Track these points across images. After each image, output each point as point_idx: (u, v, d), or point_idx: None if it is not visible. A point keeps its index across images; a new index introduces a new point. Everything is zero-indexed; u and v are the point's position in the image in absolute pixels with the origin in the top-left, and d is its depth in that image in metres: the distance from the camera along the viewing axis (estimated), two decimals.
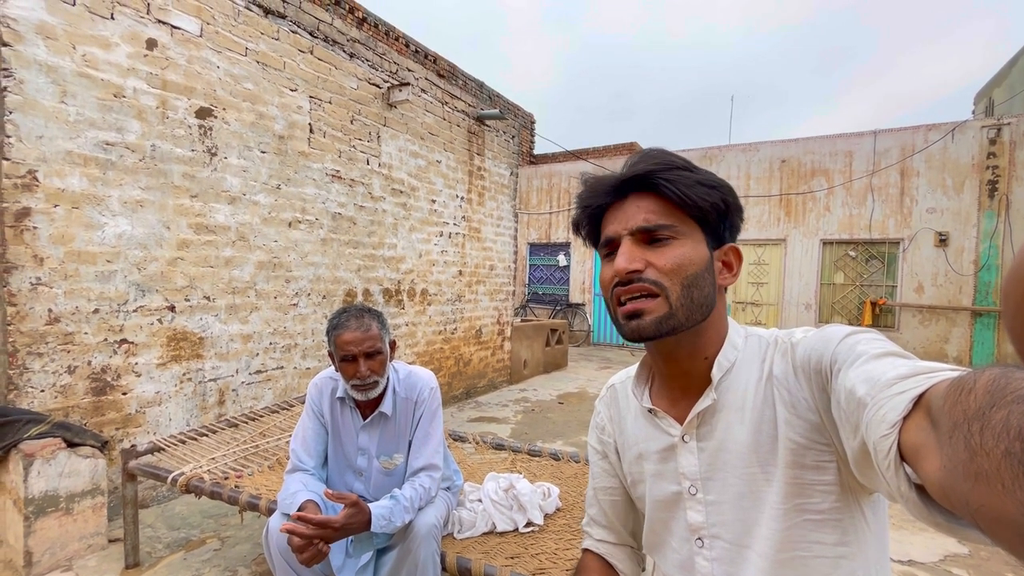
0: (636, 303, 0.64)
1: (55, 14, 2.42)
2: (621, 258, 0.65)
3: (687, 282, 0.64)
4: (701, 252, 0.66)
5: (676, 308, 0.64)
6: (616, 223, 0.68)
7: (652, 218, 0.65)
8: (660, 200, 0.66)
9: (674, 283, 0.64)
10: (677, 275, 0.64)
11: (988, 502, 0.30)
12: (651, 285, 0.64)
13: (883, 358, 0.49)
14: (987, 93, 10.99)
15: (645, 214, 0.65)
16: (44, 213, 2.42)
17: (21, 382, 2.38)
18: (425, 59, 8.09)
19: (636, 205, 0.67)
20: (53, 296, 2.47)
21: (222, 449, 2.35)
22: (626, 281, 0.64)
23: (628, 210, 0.67)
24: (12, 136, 2.31)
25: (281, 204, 3.54)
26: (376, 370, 1.54)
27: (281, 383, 3.61)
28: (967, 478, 0.32)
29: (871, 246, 8.17)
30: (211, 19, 3.07)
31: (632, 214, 0.66)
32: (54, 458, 2.23)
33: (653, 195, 0.66)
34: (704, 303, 0.66)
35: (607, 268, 0.68)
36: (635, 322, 0.64)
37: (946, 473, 0.35)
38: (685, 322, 0.64)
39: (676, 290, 0.64)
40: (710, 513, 0.67)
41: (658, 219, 0.65)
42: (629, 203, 0.67)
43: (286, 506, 1.48)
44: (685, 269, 0.64)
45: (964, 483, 0.32)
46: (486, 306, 5.95)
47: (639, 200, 0.67)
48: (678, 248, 0.65)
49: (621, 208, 0.68)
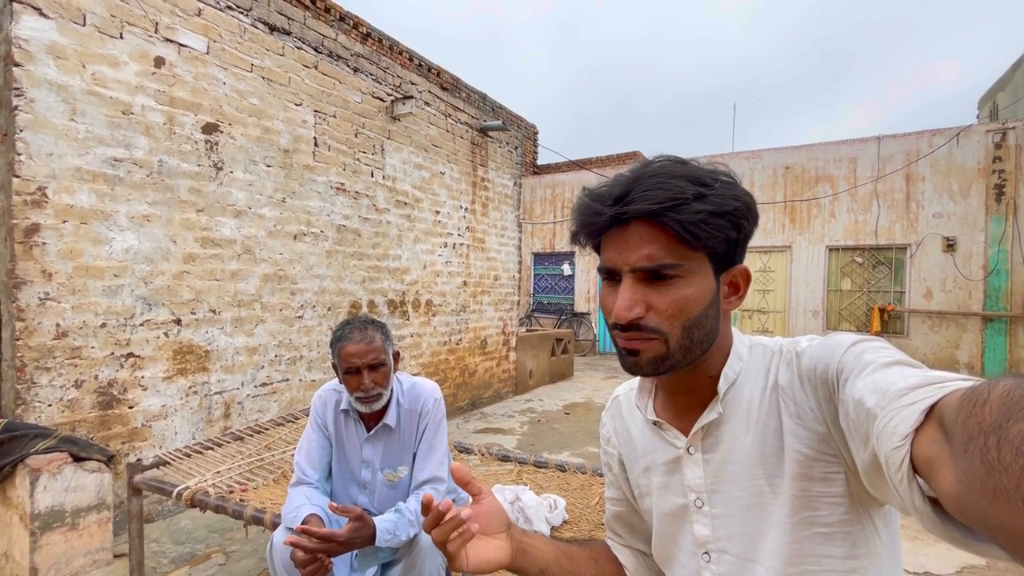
0: (633, 342, 0.62)
1: (66, 34, 2.47)
2: (621, 302, 0.61)
3: (688, 324, 0.61)
4: (706, 288, 0.62)
5: (674, 350, 0.61)
6: (616, 252, 0.62)
7: (656, 255, 0.59)
8: (665, 232, 0.59)
9: (674, 326, 0.61)
10: (678, 319, 0.61)
11: (1008, 519, 0.29)
12: (650, 332, 0.61)
13: (891, 367, 0.48)
14: (991, 97, 10.96)
15: (649, 250, 0.60)
16: (53, 229, 2.45)
17: (29, 396, 2.39)
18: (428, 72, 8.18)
19: (639, 236, 0.60)
20: (61, 311, 2.49)
21: (227, 462, 2.34)
22: (624, 327, 0.61)
23: (630, 240, 0.61)
24: (23, 154, 2.35)
25: (286, 217, 3.57)
26: (380, 382, 1.54)
27: (286, 395, 3.61)
28: (985, 494, 0.31)
29: (878, 252, 8.12)
30: (218, 37, 3.12)
31: (634, 246, 0.61)
32: (60, 473, 2.23)
33: (658, 225, 0.59)
34: (705, 339, 0.63)
35: (608, 294, 0.65)
36: (632, 359, 0.63)
37: (962, 487, 0.34)
38: (683, 360, 0.62)
39: (676, 333, 0.61)
40: (716, 526, 0.66)
41: (662, 256, 0.59)
42: (631, 231, 0.61)
43: (290, 520, 1.47)
44: (687, 312, 0.61)
45: (982, 499, 0.31)
46: (491, 316, 5.94)
47: (642, 229, 0.60)
48: (682, 289, 0.60)
49: (623, 235, 0.62)
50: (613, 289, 0.64)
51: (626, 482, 0.81)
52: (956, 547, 0.40)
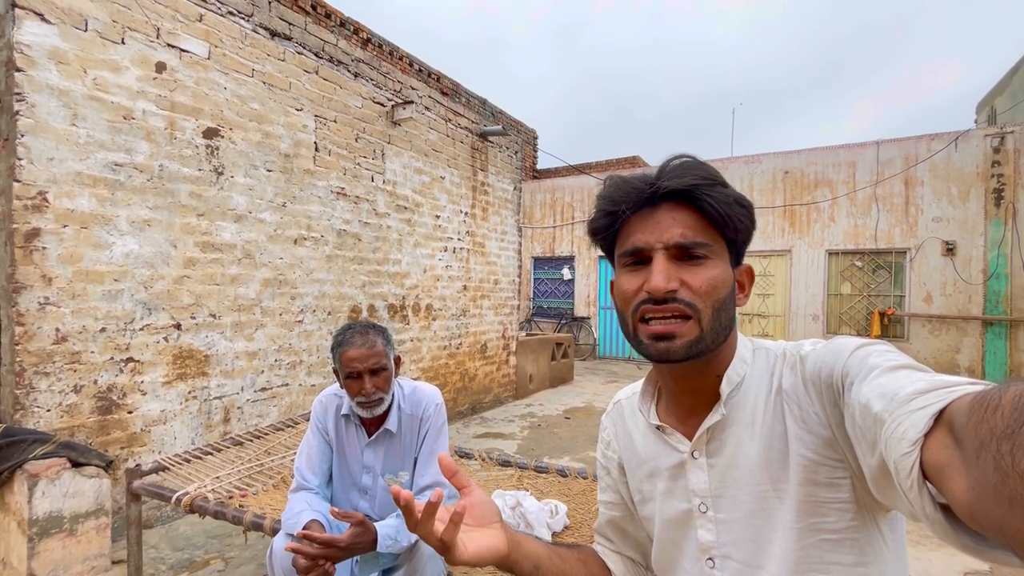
0: (668, 325, 0.61)
1: (67, 40, 2.48)
2: (658, 276, 0.60)
3: (717, 305, 0.62)
4: (728, 273, 0.64)
5: (706, 332, 0.61)
6: (646, 233, 0.63)
7: (689, 234, 0.61)
8: (696, 215, 0.62)
9: (707, 305, 0.61)
10: (710, 297, 0.61)
11: None
12: (685, 307, 0.60)
13: (897, 371, 0.48)
14: (989, 102, 11.00)
15: (682, 228, 0.61)
16: (53, 233, 2.45)
17: (27, 402, 2.38)
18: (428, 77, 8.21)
19: (672, 217, 0.62)
20: (61, 315, 2.48)
21: (227, 468, 2.33)
22: (661, 300, 0.60)
23: (662, 221, 0.62)
24: (23, 158, 2.35)
25: (287, 222, 3.57)
26: (381, 387, 1.54)
27: (286, 400, 3.59)
28: (1000, 502, 0.31)
29: (877, 256, 8.13)
30: (219, 42, 3.13)
31: (667, 226, 0.62)
32: (59, 478, 2.22)
33: (689, 208, 0.62)
34: (728, 325, 0.64)
35: (631, 279, 0.64)
36: (664, 344, 0.61)
37: (975, 495, 0.33)
38: (711, 345, 0.62)
39: (708, 313, 0.61)
40: (721, 532, 0.65)
41: (695, 235, 0.61)
42: (663, 213, 0.62)
43: (290, 526, 1.46)
44: (718, 291, 0.61)
45: (996, 507, 0.31)
46: (491, 320, 5.94)
47: (674, 212, 0.62)
48: (712, 269, 0.62)
49: (653, 217, 0.63)
50: (636, 272, 0.64)
51: (625, 487, 0.80)
52: (968, 554, 0.39)
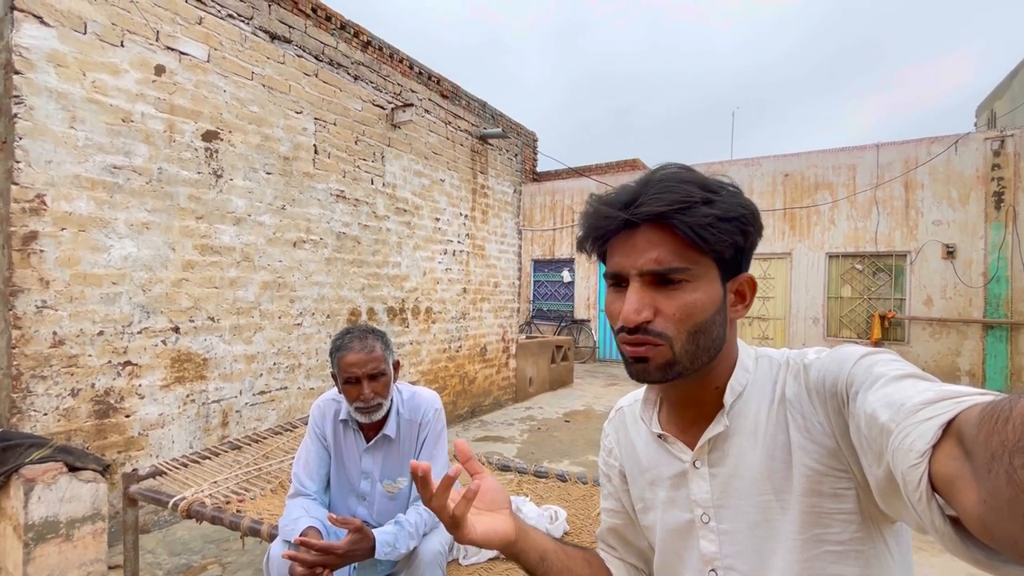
0: (638, 349, 0.61)
1: (66, 42, 2.47)
2: (629, 306, 0.60)
3: (694, 329, 0.61)
4: (713, 294, 0.62)
5: (680, 356, 0.61)
6: (623, 256, 0.62)
7: (664, 259, 0.60)
8: (674, 236, 0.60)
9: (680, 332, 0.60)
10: (684, 324, 0.60)
11: None
12: (656, 337, 0.60)
13: (903, 380, 0.47)
14: (989, 105, 11.02)
15: (657, 253, 0.60)
16: (51, 236, 2.44)
17: (24, 406, 2.37)
18: (429, 80, 8.23)
19: (647, 239, 0.61)
20: (58, 319, 2.47)
21: (224, 472, 2.32)
22: (631, 330, 0.61)
23: (638, 244, 0.61)
24: (21, 161, 2.34)
25: (286, 224, 3.57)
26: (380, 392, 1.52)
27: (285, 404, 3.58)
28: (1014, 517, 0.30)
29: (878, 259, 8.12)
30: (218, 45, 3.13)
31: (642, 250, 0.61)
32: (55, 483, 2.20)
33: (667, 230, 0.60)
34: (712, 346, 0.63)
35: (613, 300, 0.65)
36: (640, 366, 0.62)
37: (987, 508, 0.33)
38: (690, 367, 0.62)
39: (681, 338, 0.60)
40: (723, 543, 0.65)
41: (671, 260, 0.60)
42: (640, 235, 0.61)
43: (287, 532, 1.45)
44: (694, 317, 0.60)
45: (1010, 522, 0.30)
46: (491, 323, 5.93)
47: (650, 233, 0.61)
48: (690, 293, 0.60)
49: (631, 239, 0.62)
50: (620, 294, 0.64)
51: (627, 495, 0.79)
52: (980, 568, 0.38)
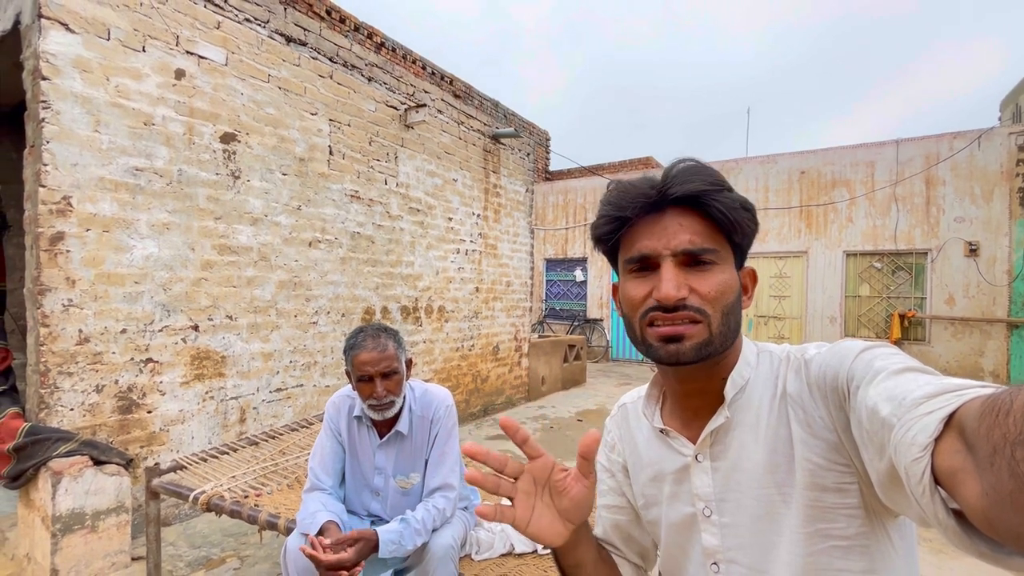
0: (677, 326, 0.61)
1: (91, 48, 2.55)
2: (668, 284, 0.60)
3: (727, 309, 0.62)
4: (735, 278, 0.64)
5: (715, 335, 0.61)
6: (653, 239, 0.63)
7: (697, 240, 0.61)
8: (704, 220, 0.62)
9: (716, 311, 0.61)
10: (719, 302, 0.61)
11: None
12: (695, 313, 0.61)
13: (904, 374, 0.47)
14: (1013, 100, 10.72)
15: (690, 235, 0.61)
16: (77, 237, 2.52)
17: (52, 401, 2.45)
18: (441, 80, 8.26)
19: (678, 223, 0.62)
20: (83, 317, 2.55)
21: (242, 467, 2.37)
22: (671, 308, 0.61)
23: (669, 226, 0.62)
24: (49, 164, 2.42)
25: (302, 224, 3.62)
26: (393, 390, 1.55)
27: (301, 401, 3.64)
28: (1017, 509, 0.30)
29: (897, 257, 7.96)
30: (236, 48, 3.19)
31: (674, 232, 0.62)
32: (81, 476, 2.28)
33: (696, 214, 0.62)
34: (737, 328, 0.64)
35: (637, 285, 0.64)
36: (674, 346, 0.61)
37: (990, 501, 0.33)
38: (720, 348, 0.63)
39: (718, 318, 0.61)
40: (726, 536, 0.65)
41: (703, 241, 0.61)
42: (669, 219, 0.62)
43: (305, 526, 1.48)
44: (726, 296, 0.62)
45: (1013, 515, 0.31)
46: (503, 322, 5.94)
47: (680, 217, 0.62)
48: (720, 274, 0.62)
49: (659, 222, 0.63)
50: (643, 279, 0.64)
51: (630, 489, 0.80)
52: (984, 561, 0.39)
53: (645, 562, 0.83)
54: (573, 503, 0.60)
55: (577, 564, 0.69)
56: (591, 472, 0.60)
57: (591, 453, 0.57)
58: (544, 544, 0.63)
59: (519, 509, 0.60)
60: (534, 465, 0.60)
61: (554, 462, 0.61)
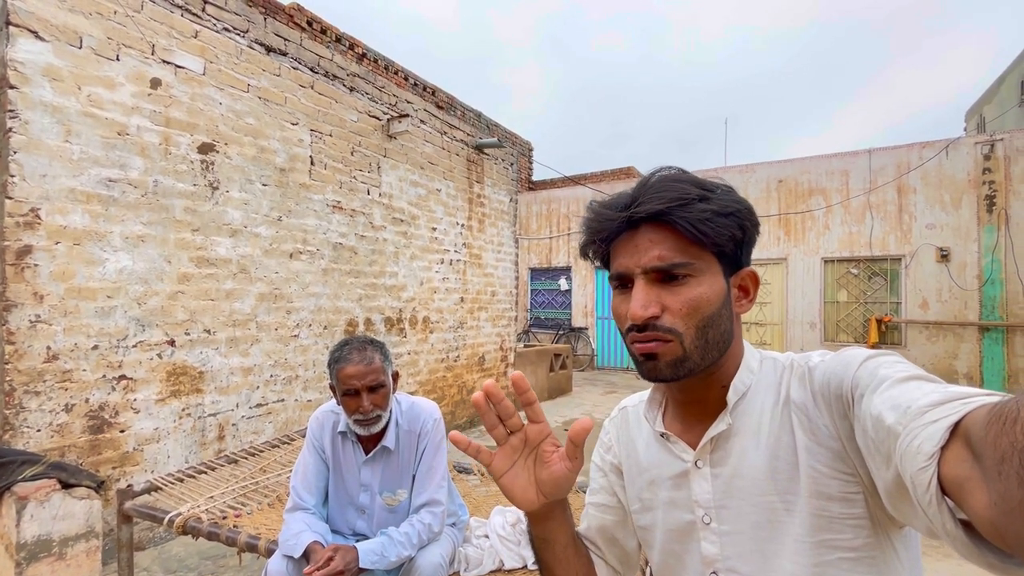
0: (649, 345, 0.62)
1: (62, 57, 2.48)
2: (636, 303, 0.61)
3: (702, 323, 0.61)
4: (718, 287, 0.62)
5: (690, 351, 0.61)
6: (627, 256, 0.63)
7: (667, 255, 0.61)
8: (674, 233, 0.61)
9: (688, 326, 0.61)
10: (692, 318, 0.61)
11: None
12: (664, 332, 0.61)
13: (908, 382, 0.47)
14: (978, 110, 11.17)
15: (659, 251, 0.61)
16: (45, 250, 2.43)
17: (17, 422, 2.34)
18: (424, 91, 8.27)
19: (649, 239, 0.62)
20: (52, 333, 2.45)
21: (221, 487, 2.28)
22: (640, 327, 0.61)
23: (640, 243, 0.62)
24: (16, 175, 2.33)
25: (282, 236, 3.56)
26: (379, 404, 1.51)
27: (282, 416, 3.55)
28: None
29: (873, 263, 8.17)
30: (214, 58, 3.14)
31: (645, 248, 0.62)
32: (48, 500, 2.17)
33: (668, 228, 0.61)
34: (721, 340, 0.63)
35: (620, 302, 0.65)
36: (651, 363, 0.62)
37: (998, 511, 0.32)
38: (701, 363, 0.62)
39: (691, 333, 0.61)
40: (725, 544, 0.64)
41: (673, 256, 0.61)
42: (641, 235, 0.63)
43: (289, 547, 1.43)
44: (701, 311, 0.61)
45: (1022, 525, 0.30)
46: (488, 332, 5.91)
47: (652, 232, 0.62)
48: (695, 288, 0.61)
49: (632, 240, 0.63)
50: (625, 295, 0.64)
51: (622, 490, 0.79)
52: (993, 572, 0.38)
53: (624, 568, 0.81)
54: (551, 478, 0.62)
55: (545, 539, 0.69)
56: (576, 457, 0.61)
57: (580, 439, 0.59)
58: (514, 504, 0.64)
59: (499, 457, 0.63)
60: (531, 427, 0.63)
61: (550, 432, 0.63)
